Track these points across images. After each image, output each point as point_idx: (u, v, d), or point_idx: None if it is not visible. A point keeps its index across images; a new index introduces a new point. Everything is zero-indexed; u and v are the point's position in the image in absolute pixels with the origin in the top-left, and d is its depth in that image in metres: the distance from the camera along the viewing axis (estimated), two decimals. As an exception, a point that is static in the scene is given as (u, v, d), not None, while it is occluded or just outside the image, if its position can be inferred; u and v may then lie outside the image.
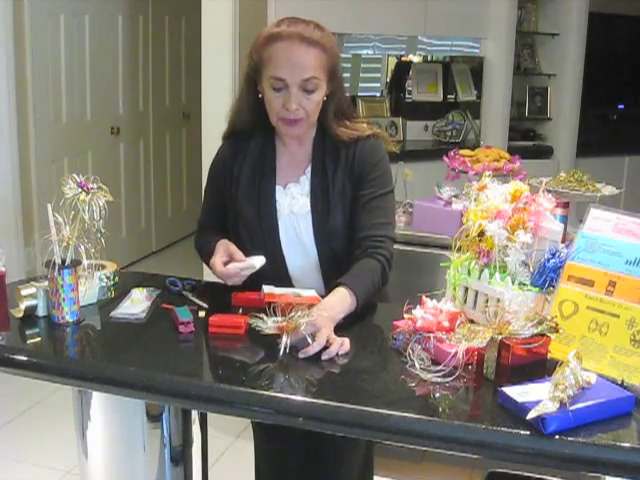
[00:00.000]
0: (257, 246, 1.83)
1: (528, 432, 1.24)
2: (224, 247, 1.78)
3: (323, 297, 1.73)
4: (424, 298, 1.60)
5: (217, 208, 1.94)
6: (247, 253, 1.80)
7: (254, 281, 1.80)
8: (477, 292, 1.61)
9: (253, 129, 1.88)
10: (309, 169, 1.86)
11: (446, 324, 1.51)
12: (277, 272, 1.85)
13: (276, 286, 1.76)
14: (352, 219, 1.82)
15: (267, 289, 1.73)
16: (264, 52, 1.75)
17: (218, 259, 1.76)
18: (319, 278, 1.86)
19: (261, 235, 1.84)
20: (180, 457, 1.83)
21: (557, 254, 1.55)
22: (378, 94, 4.97)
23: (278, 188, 1.87)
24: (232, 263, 1.75)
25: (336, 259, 1.83)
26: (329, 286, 1.76)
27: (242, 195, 1.87)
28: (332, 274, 1.80)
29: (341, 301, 1.67)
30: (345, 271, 1.74)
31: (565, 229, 2.23)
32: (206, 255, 1.85)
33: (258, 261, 1.75)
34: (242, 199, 1.87)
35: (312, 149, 1.87)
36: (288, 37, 1.72)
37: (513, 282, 1.55)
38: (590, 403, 1.27)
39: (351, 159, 1.83)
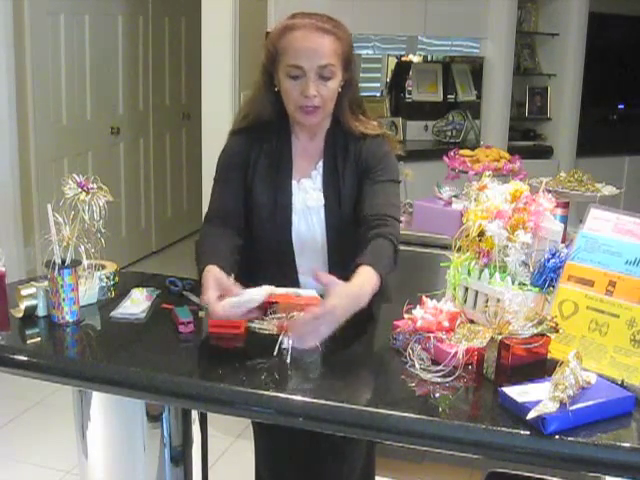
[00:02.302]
0: (267, 238, 1.84)
1: (528, 432, 1.24)
2: (214, 280, 1.60)
3: (322, 297, 1.73)
4: (424, 298, 1.60)
5: (228, 198, 1.89)
6: (256, 244, 1.82)
7: (255, 273, 1.79)
8: (477, 292, 1.62)
9: (268, 123, 1.88)
10: (320, 164, 1.88)
11: (446, 324, 1.51)
12: (284, 266, 1.85)
13: (280, 281, 1.75)
14: (358, 204, 1.82)
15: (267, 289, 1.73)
16: (280, 42, 1.78)
17: (212, 295, 1.57)
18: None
19: (273, 227, 1.84)
20: (180, 457, 1.83)
21: (557, 254, 1.55)
22: (378, 94, 4.97)
23: (293, 182, 1.88)
24: (226, 299, 1.58)
25: (345, 256, 1.82)
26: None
27: (258, 186, 1.86)
28: (338, 270, 1.79)
29: (369, 280, 1.60)
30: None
31: (565, 229, 2.23)
32: (200, 264, 1.72)
33: (262, 292, 1.58)
34: (258, 190, 1.86)
35: (324, 143, 1.88)
36: (303, 27, 1.77)
37: (513, 282, 1.55)
38: (590, 403, 1.27)
39: (358, 155, 1.85)
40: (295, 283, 1.84)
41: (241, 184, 1.88)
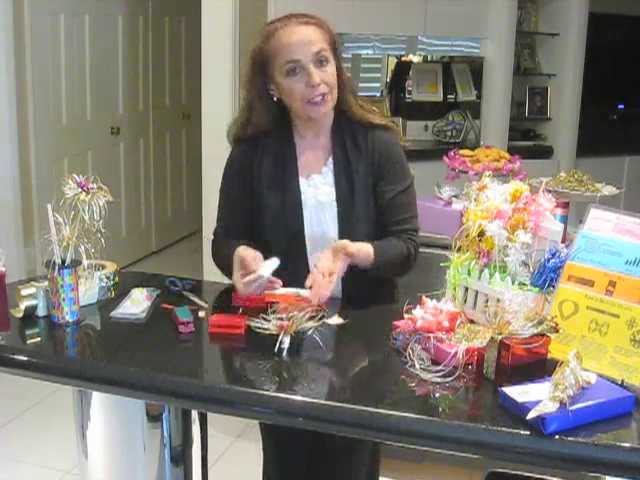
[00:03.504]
0: (280, 239, 1.85)
1: (528, 432, 1.24)
2: (238, 260, 1.73)
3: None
4: (424, 298, 1.59)
5: (235, 209, 1.93)
6: (269, 247, 1.82)
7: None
8: (477, 292, 1.61)
9: (269, 130, 1.89)
10: (330, 160, 1.89)
11: (446, 324, 1.51)
12: (297, 266, 1.85)
13: (292, 281, 1.76)
14: (378, 214, 1.88)
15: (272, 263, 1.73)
16: (267, 48, 1.81)
17: (236, 276, 1.72)
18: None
19: (285, 227, 1.85)
20: (180, 457, 1.83)
21: (557, 254, 1.55)
22: (378, 94, 4.96)
23: (301, 179, 1.88)
24: (245, 278, 1.70)
25: None
26: (345, 283, 1.79)
27: (265, 188, 1.87)
28: (349, 270, 1.79)
29: (362, 245, 1.76)
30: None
31: (565, 229, 2.23)
32: (226, 268, 1.82)
33: (266, 269, 1.69)
34: (265, 192, 1.87)
35: (331, 139, 1.90)
36: (285, 25, 1.81)
37: (513, 282, 1.55)
38: (590, 403, 1.27)
39: (371, 149, 1.88)
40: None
41: (246, 197, 1.89)
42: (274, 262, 1.71)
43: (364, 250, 1.77)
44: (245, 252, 1.73)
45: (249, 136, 1.90)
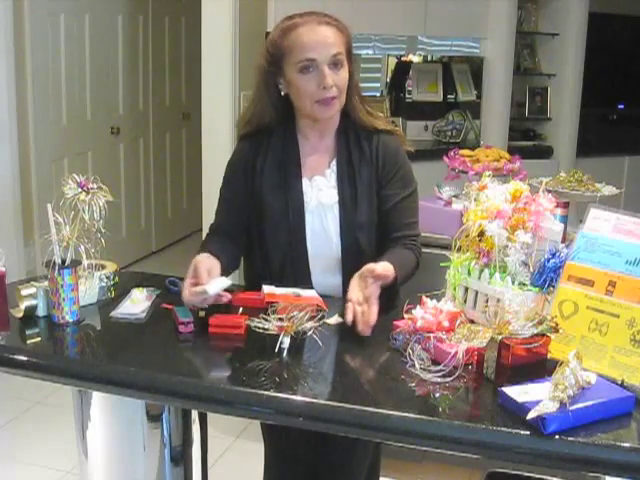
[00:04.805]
0: (281, 240, 1.84)
1: (528, 432, 1.24)
2: (193, 266, 1.69)
3: (323, 297, 1.74)
4: (424, 298, 1.60)
5: (235, 207, 1.92)
6: (270, 249, 1.83)
7: (266, 279, 1.80)
8: (477, 292, 1.62)
9: (273, 126, 1.89)
10: (334, 162, 1.88)
11: (446, 324, 1.51)
12: (298, 268, 1.85)
13: (293, 284, 1.76)
14: (382, 218, 1.87)
15: (267, 289, 1.73)
16: (284, 42, 1.79)
17: (187, 282, 1.67)
18: (339, 277, 1.87)
19: (286, 228, 1.84)
20: (180, 457, 1.83)
21: (557, 254, 1.55)
22: (378, 94, 4.96)
23: (304, 180, 1.88)
24: (195, 287, 1.65)
25: (359, 254, 1.83)
26: (345, 283, 1.78)
27: (267, 188, 1.87)
28: (351, 271, 1.79)
29: (383, 264, 1.70)
30: None
31: (565, 229, 2.23)
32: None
33: (213, 286, 1.64)
34: (268, 192, 1.86)
35: (336, 141, 1.90)
36: (306, 22, 1.79)
37: (513, 282, 1.55)
38: (590, 403, 1.27)
39: (375, 153, 1.88)
40: (309, 286, 1.83)
41: (247, 194, 1.88)
42: (224, 281, 1.67)
43: (389, 270, 1.69)
44: (202, 260, 1.70)
45: (253, 132, 1.90)
